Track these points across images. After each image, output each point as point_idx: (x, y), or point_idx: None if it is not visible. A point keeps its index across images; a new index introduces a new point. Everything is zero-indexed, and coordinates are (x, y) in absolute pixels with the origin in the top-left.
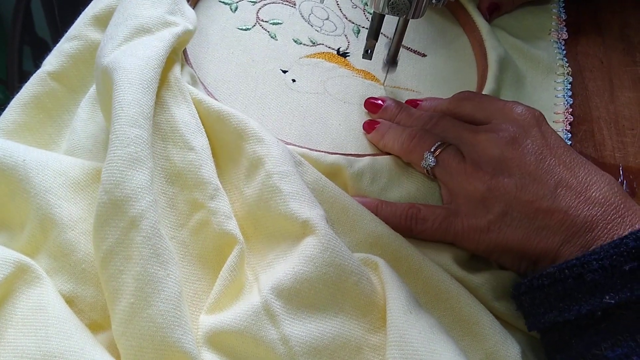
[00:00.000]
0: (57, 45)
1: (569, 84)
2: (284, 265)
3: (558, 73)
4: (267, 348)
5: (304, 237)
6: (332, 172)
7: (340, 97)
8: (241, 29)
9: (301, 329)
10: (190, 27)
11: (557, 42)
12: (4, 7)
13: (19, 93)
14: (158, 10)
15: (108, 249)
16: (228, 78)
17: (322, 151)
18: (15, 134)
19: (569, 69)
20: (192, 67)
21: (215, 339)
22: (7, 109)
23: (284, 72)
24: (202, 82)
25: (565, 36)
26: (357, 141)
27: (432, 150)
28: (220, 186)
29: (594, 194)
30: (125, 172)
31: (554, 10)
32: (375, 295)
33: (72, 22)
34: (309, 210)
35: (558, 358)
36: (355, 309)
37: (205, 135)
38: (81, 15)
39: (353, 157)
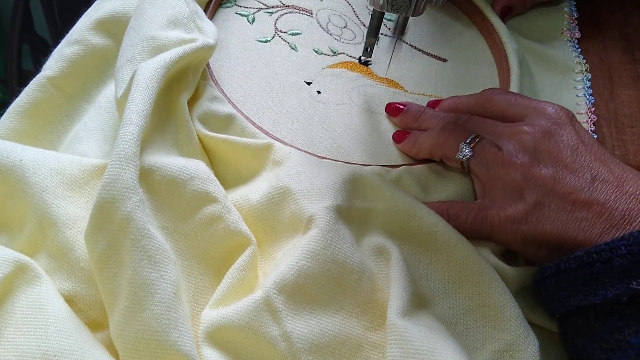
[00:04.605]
0: (58, 48)
1: (588, 81)
2: (287, 259)
3: (576, 71)
4: (269, 344)
5: (307, 231)
6: None
7: (366, 107)
8: (261, 41)
9: (302, 325)
10: (211, 41)
11: (570, 41)
12: (3, 5)
13: (18, 98)
14: (175, 32)
15: (101, 252)
16: (253, 93)
17: (356, 163)
18: (14, 142)
19: (587, 66)
20: (217, 84)
21: (217, 335)
22: (5, 115)
23: (308, 83)
24: (230, 100)
25: (578, 35)
26: (388, 151)
27: (467, 141)
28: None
29: (630, 189)
30: (112, 171)
31: (565, 10)
32: (375, 294)
33: (72, 21)
34: (316, 204)
35: (579, 342)
36: (355, 307)
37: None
38: (83, 18)
39: (388, 168)
